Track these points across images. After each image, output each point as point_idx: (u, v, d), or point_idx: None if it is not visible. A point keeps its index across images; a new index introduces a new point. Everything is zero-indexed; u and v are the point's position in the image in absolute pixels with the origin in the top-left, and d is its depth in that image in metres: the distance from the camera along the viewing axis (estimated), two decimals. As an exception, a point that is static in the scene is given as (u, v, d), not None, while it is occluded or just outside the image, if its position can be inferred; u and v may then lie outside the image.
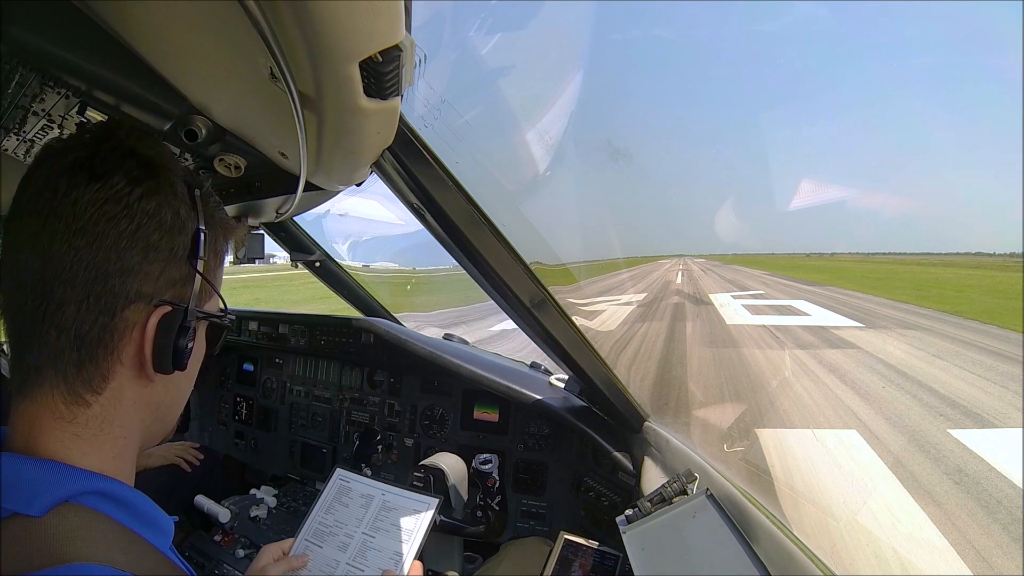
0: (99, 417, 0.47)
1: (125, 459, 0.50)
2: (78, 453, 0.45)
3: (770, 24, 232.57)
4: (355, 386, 2.07)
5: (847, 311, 13.15)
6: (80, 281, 0.44)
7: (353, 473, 1.14)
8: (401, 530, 0.99)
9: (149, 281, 0.47)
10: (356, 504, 1.07)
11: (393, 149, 0.80)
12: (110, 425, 0.48)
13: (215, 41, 0.56)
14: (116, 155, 0.46)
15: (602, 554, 1.21)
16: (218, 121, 0.80)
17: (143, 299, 0.47)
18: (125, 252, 0.45)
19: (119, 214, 0.44)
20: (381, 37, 0.49)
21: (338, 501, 1.09)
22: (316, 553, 0.99)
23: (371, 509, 1.05)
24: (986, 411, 5.38)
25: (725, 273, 30.72)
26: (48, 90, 0.74)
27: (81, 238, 0.43)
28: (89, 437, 0.46)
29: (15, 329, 0.46)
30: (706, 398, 6.01)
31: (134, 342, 0.47)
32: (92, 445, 0.46)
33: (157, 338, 0.48)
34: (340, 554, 0.98)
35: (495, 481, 1.43)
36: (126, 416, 0.49)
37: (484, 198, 0.94)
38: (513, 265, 1.05)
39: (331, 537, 1.02)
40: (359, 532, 1.01)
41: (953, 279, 23.16)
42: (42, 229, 0.43)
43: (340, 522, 1.04)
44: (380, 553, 0.97)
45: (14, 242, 0.45)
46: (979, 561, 2.95)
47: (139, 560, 0.44)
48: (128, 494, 0.47)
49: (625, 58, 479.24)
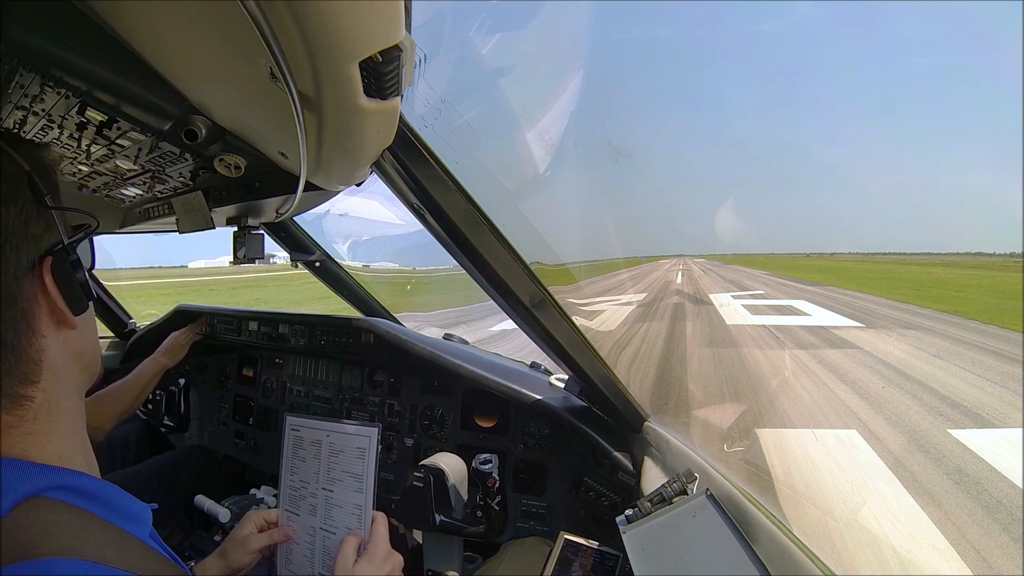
0: (45, 403, 0.47)
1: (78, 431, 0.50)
2: (35, 449, 0.45)
3: (771, 24, 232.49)
4: (355, 386, 2.07)
5: (847, 311, 13.15)
6: None
7: (300, 417, 1.02)
8: (352, 476, 0.91)
9: (22, 251, 0.46)
10: (310, 455, 0.97)
11: (393, 149, 0.80)
12: (56, 404, 0.48)
13: (215, 41, 0.56)
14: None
15: (602, 554, 1.21)
16: (218, 121, 0.80)
17: (27, 268, 0.47)
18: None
19: None
20: (381, 37, 0.49)
21: (296, 456, 0.99)
22: (296, 523, 0.94)
23: (322, 459, 0.96)
24: (986, 411, 5.38)
25: (725, 273, 30.72)
26: (48, 90, 0.74)
27: None
28: (39, 429, 0.46)
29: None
30: (706, 398, 6.01)
31: (44, 307, 0.47)
32: (45, 435, 0.46)
33: (60, 287, 0.48)
34: (313, 519, 0.92)
35: (495, 481, 1.43)
36: (64, 383, 0.49)
37: (484, 198, 0.93)
38: (513, 265, 1.04)
39: (302, 500, 0.95)
40: (320, 489, 0.94)
41: (953, 279, 23.16)
42: None
43: (304, 481, 0.96)
44: (342, 509, 0.90)
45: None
46: (979, 561, 2.95)
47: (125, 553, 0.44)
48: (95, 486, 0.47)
49: (625, 58, 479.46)
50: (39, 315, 0.47)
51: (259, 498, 1.81)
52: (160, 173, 1.09)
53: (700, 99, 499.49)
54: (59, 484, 0.44)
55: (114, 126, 0.83)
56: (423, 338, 1.95)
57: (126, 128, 0.84)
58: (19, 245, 0.46)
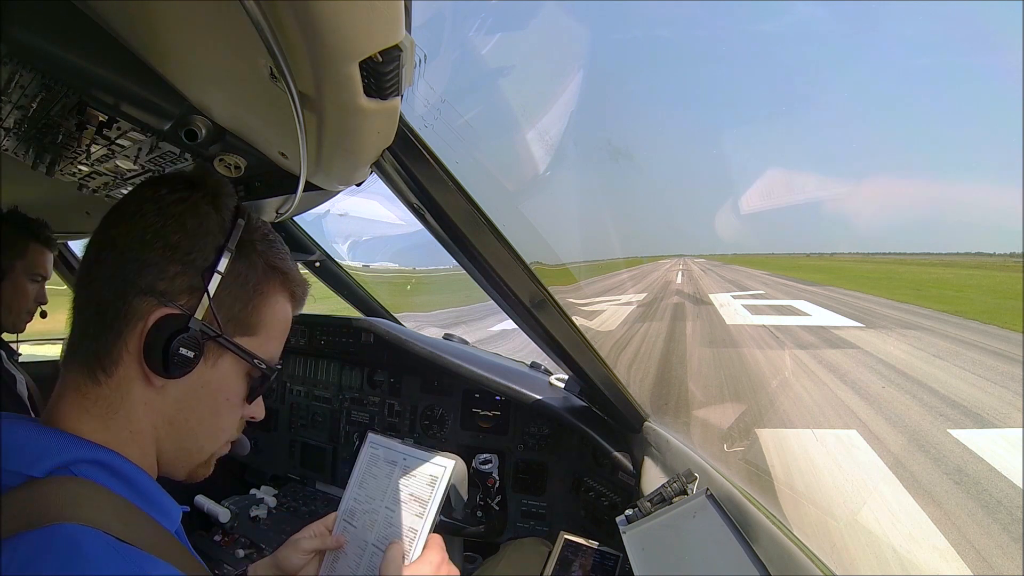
0: (107, 399, 0.48)
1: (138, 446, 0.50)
2: (86, 427, 0.47)
3: (771, 24, 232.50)
4: (355, 386, 2.07)
5: (847, 311, 13.15)
6: (109, 262, 0.49)
7: (384, 437, 1.02)
8: (417, 501, 0.90)
9: (164, 279, 0.49)
10: (383, 474, 0.96)
11: (393, 149, 0.80)
12: (116, 411, 0.49)
13: (215, 41, 0.56)
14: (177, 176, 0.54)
15: (602, 554, 1.21)
16: (218, 121, 0.80)
17: (153, 295, 0.49)
18: (147, 245, 0.49)
19: (150, 210, 0.50)
20: (381, 37, 0.49)
21: (369, 473, 0.98)
22: (350, 533, 0.92)
23: (393, 478, 0.95)
24: (986, 411, 5.38)
25: (725, 273, 30.73)
26: (48, 90, 0.74)
27: (119, 227, 0.50)
28: (97, 414, 0.48)
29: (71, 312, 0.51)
30: (706, 398, 6.01)
31: (137, 334, 0.49)
32: (100, 422, 0.48)
33: (149, 334, 0.48)
34: (367, 533, 0.91)
35: (495, 481, 1.43)
36: (135, 412, 0.50)
37: (484, 198, 0.93)
38: (513, 265, 1.04)
39: (362, 515, 0.94)
40: (383, 507, 0.93)
41: (953, 279, 23.16)
42: (110, 215, 0.51)
43: (370, 496, 0.95)
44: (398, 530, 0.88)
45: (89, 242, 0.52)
46: (979, 561, 2.95)
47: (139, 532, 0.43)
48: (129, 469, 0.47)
49: (625, 58, 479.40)
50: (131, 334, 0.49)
51: (259, 498, 1.82)
52: (160, 173, 1.09)
53: (700, 99, 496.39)
54: (94, 459, 0.45)
55: (114, 126, 0.83)
56: (423, 338, 1.95)
57: (126, 128, 0.84)
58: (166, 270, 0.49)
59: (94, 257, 0.49)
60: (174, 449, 0.54)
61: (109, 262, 0.48)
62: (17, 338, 1.55)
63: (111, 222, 0.51)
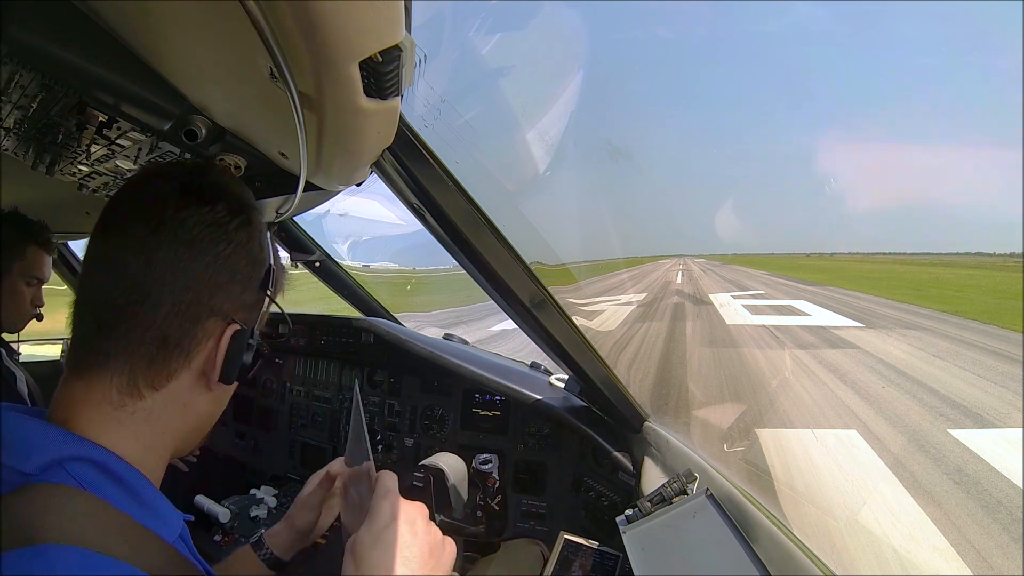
0: (147, 410, 0.49)
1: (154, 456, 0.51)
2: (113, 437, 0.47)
3: (771, 24, 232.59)
4: (355, 386, 2.07)
5: (847, 311, 13.15)
6: (178, 287, 0.49)
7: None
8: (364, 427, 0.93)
9: (229, 300, 0.53)
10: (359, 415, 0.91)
11: (393, 149, 0.80)
12: (155, 421, 0.50)
13: (215, 41, 0.56)
14: (216, 188, 0.54)
15: (602, 554, 1.21)
16: (218, 121, 0.80)
17: (221, 315, 0.53)
18: (218, 270, 0.51)
19: (219, 237, 0.51)
20: (381, 37, 0.49)
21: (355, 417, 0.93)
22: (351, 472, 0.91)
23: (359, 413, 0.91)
24: (986, 411, 5.38)
25: (725, 273, 30.72)
26: (48, 90, 0.74)
27: (187, 251, 0.49)
28: (129, 425, 0.48)
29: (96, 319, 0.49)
30: (706, 398, 6.01)
31: (206, 351, 0.52)
32: (127, 431, 0.48)
33: (229, 350, 0.53)
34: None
35: (495, 481, 1.43)
36: (172, 417, 0.52)
37: (484, 198, 0.93)
38: (513, 265, 1.04)
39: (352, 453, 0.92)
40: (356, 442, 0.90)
41: (953, 279, 23.15)
42: (150, 235, 0.48)
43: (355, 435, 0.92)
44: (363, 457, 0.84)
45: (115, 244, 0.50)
46: (979, 561, 2.95)
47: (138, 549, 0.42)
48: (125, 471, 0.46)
49: (625, 58, 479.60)
50: (198, 352, 0.52)
51: (259, 498, 1.81)
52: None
53: (700, 99, 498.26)
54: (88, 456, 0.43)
55: (114, 126, 0.82)
56: (423, 338, 1.95)
57: (126, 128, 0.84)
58: (232, 292, 0.53)
59: (154, 278, 0.48)
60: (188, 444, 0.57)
61: (177, 290, 0.49)
62: (18, 337, 1.56)
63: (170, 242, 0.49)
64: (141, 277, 0.48)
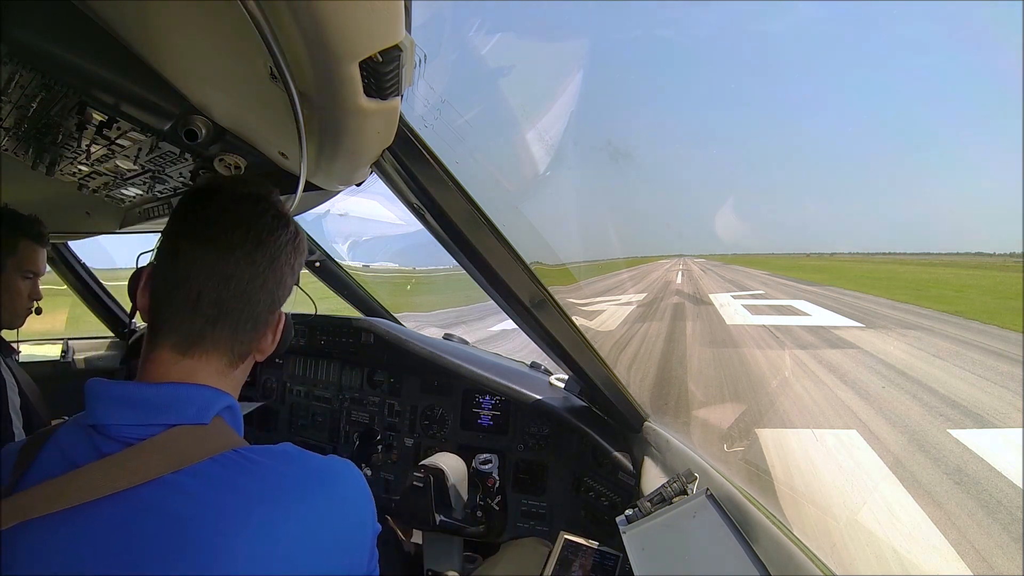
0: (235, 378, 0.67)
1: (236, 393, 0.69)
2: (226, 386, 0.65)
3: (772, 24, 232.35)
4: (355, 386, 2.07)
5: (847, 311, 13.14)
6: (267, 290, 0.64)
7: None
8: None
9: (285, 294, 0.68)
10: None
11: (393, 149, 0.80)
12: (238, 378, 0.68)
13: (215, 41, 0.56)
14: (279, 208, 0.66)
15: (602, 554, 1.21)
16: (218, 121, 0.80)
17: (280, 305, 0.68)
18: (288, 273, 0.67)
19: (292, 250, 0.66)
20: (381, 37, 0.49)
21: None
22: None
23: None
24: (986, 411, 5.38)
25: (725, 273, 30.70)
26: (48, 90, 0.74)
27: (277, 263, 0.64)
28: (228, 383, 0.66)
29: (205, 311, 0.60)
30: (706, 398, 6.01)
31: (270, 334, 0.68)
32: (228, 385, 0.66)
33: (284, 332, 0.70)
34: None
35: (495, 481, 1.43)
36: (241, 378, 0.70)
37: (484, 198, 0.93)
38: (513, 265, 1.05)
39: None
40: None
41: (953, 279, 23.13)
42: (253, 252, 0.62)
43: None
44: None
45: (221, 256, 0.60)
46: (979, 561, 2.95)
47: None
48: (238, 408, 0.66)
49: (625, 58, 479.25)
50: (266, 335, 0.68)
51: (259, 498, 1.81)
52: (160, 173, 1.09)
53: (700, 99, 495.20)
54: (229, 404, 0.63)
55: (114, 126, 0.83)
56: (423, 338, 1.95)
57: (126, 128, 0.84)
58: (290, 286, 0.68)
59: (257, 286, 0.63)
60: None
61: (267, 286, 0.63)
62: (17, 335, 1.55)
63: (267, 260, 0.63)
64: (247, 285, 0.62)
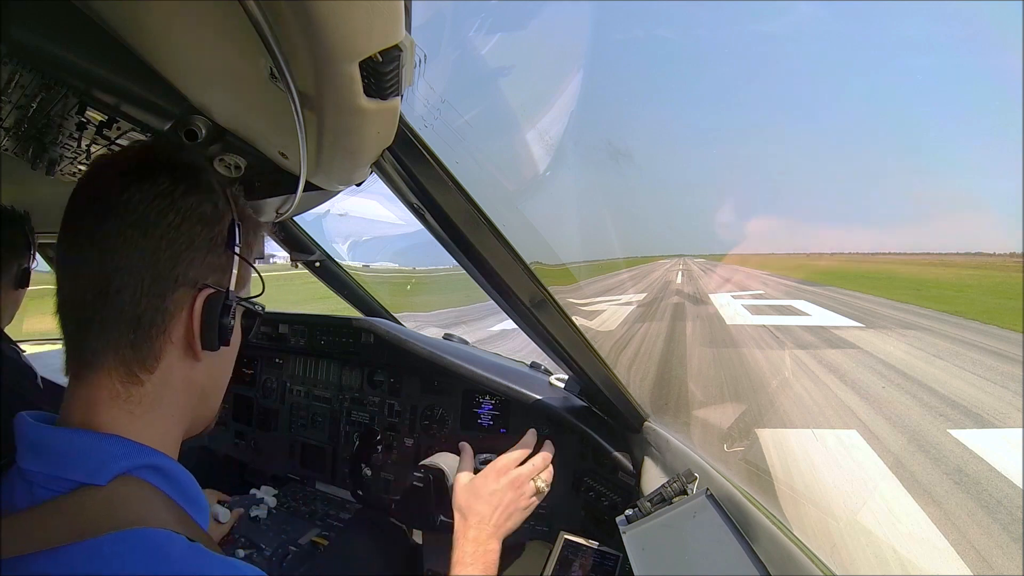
0: (151, 395, 0.51)
1: (171, 438, 0.54)
2: (133, 429, 0.50)
3: (772, 24, 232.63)
4: (355, 386, 2.07)
5: (847, 311, 13.14)
6: (135, 268, 0.49)
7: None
8: None
9: (194, 267, 0.53)
10: None
11: (393, 149, 0.80)
12: (160, 403, 0.52)
13: (215, 41, 0.56)
14: (159, 162, 0.53)
15: (602, 554, 1.21)
16: (218, 121, 0.80)
17: (189, 283, 0.52)
18: (173, 241, 0.51)
19: (166, 208, 0.50)
20: (381, 37, 0.49)
21: None
22: None
23: None
24: (986, 411, 5.38)
25: (725, 273, 30.70)
26: (48, 90, 0.74)
27: (135, 230, 0.49)
28: (141, 414, 0.51)
29: (75, 320, 0.50)
30: (706, 398, 6.01)
31: (183, 322, 0.53)
32: (144, 422, 0.51)
33: (204, 317, 0.53)
34: None
35: (495, 481, 1.42)
36: (174, 395, 0.54)
37: (484, 198, 0.93)
38: (513, 265, 1.04)
39: None
40: None
41: (953, 279, 23.14)
42: (98, 227, 0.48)
43: None
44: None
45: (72, 244, 0.50)
46: (979, 561, 2.95)
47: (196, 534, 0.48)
48: (176, 469, 0.51)
49: (625, 58, 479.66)
50: (175, 325, 0.52)
51: (259, 498, 1.81)
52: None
53: (700, 99, 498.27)
54: (149, 464, 0.48)
55: (114, 126, 0.83)
56: (423, 338, 1.95)
57: (126, 128, 0.84)
58: (195, 259, 0.53)
59: (112, 266, 0.48)
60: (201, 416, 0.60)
61: (135, 270, 0.49)
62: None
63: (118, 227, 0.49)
64: (98, 268, 0.48)
